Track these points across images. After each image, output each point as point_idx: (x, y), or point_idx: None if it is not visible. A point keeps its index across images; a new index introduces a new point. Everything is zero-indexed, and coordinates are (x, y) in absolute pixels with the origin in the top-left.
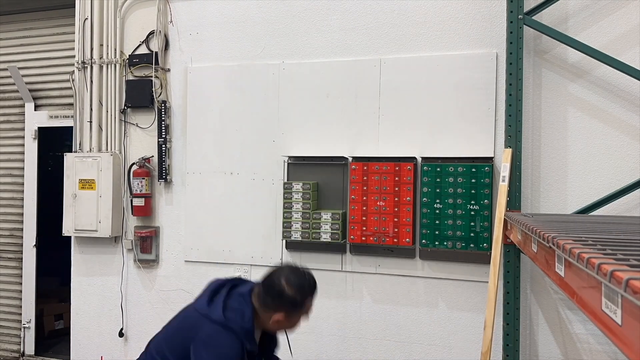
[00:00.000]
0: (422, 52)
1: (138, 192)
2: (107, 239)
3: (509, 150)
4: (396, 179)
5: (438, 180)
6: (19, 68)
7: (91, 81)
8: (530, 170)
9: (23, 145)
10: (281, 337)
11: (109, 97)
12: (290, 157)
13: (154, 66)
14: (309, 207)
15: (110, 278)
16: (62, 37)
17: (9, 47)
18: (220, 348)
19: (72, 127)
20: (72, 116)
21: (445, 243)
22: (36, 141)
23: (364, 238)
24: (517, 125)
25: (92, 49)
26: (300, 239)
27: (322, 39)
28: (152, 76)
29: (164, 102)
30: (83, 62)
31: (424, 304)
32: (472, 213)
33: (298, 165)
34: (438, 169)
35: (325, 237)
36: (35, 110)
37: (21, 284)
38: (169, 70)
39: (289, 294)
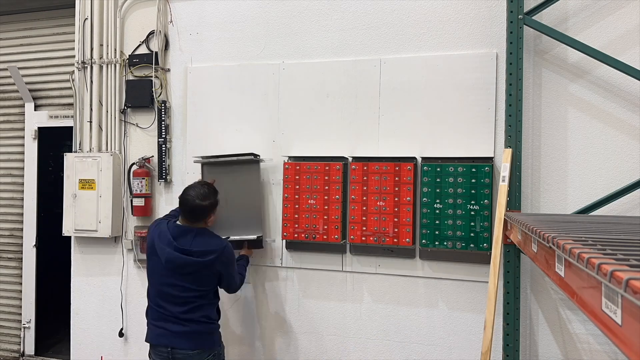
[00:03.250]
0: (422, 52)
1: (138, 192)
2: (107, 239)
3: (509, 150)
4: (396, 179)
5: (438, 180)
6: (19, 68)
7: (91, 81)
8: (530, 170)
9: (23, 145)
10: None
11: (109, 97)
12: (290, 157)
13: (154, 66)
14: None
15: (110, 278)
16: (62, 37)
17: (9, 47)
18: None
19: (72, 127)
20: (72, 116)
21: (445, 243)
22: (36, 141)
23: (364, 238)
24: (517, 125)
25: (92, 49)
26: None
27: (322, 39)
28: (152, 76)
29: (164, 102)
30: (83, 62)
31: (424, 304)
32: (472, 213)
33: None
34: (438, 169)
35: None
36: (35, 110)
37: (21, 284)
38: (169, 70)
39: (205, 205)
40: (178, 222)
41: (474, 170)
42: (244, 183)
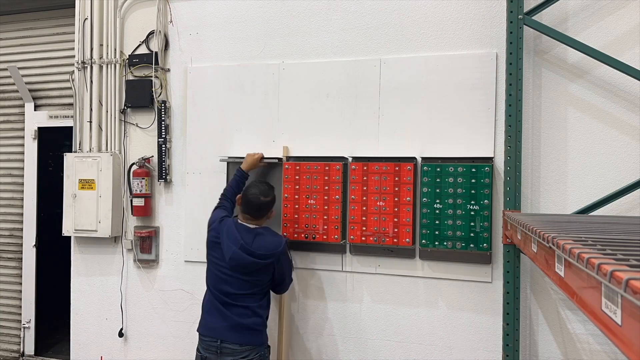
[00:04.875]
0: (422, 52)
1: (138, 192)
2: (107, 239)
3: None
4: (396, 179)
5: (438, 180)
6: (19, 68)
7: (91, 81)
8: (530, 170)
9: (23, 145)
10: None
11: (109, 97)
12: (290, 157)
13: (153, 66)
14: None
15: (110, 278)
16: (62, 37)
17: (9, 47)
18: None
19: (72, 127)
20: (72, 116)
21: (445, 243)
22: (36, 141)
23: (363, 238)
24: (517, 126)
25: (92, 49)
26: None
27: (322, 39)
28: (152, 76)
29: (164, 102)
30: (83, 62)
31: (424, 304)
32: (472, 213)
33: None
34: (438, 169)
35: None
36: (35, 110)
37: (21, 284)
38: (168, 70)
39: (268, 200)
40: (239, 220)
41: (473, 170)
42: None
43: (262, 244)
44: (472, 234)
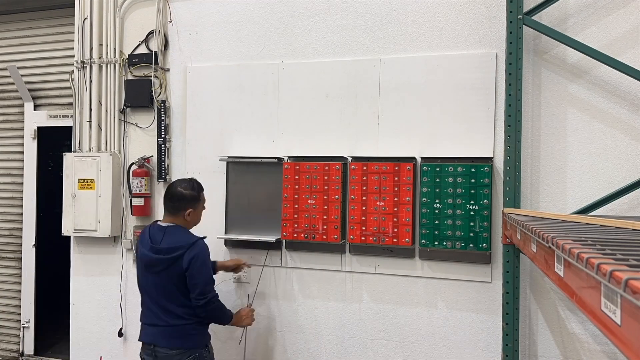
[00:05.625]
0: (422, 52)
1: (137, 191)
2: (107, 239)
3: None
4: (396, 179)
5: (437, 180)
6: (19, 68)
7: (90, 81)
8: (530, 170)
9: (22, 145)
10: None
11: (109, 96)
12: (290, 157)
13: (153, 66)
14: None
15: (109, 278)
16: (62, 37)
17: (9, 47)
18: (202, 252)
19: (71, 126)
20: (71, 116)
21: (444, 243)
22: (35, 141)
23: (363, 238)
24: (516, 125)
25: (91, 49)
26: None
27: (322, 39)
28: (151, 76)
29: (164, 101)
30: (82, 62)
31: (424, 304)
32: (472, 213)
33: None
34: (437, 169)
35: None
36: (34, 109)
37: (20, 283)
38: (168, 70)
39: (186, 194)
40: (158, 222)
41: (473, 170)
42: (266, 185)
43: (169, 240)
44: (471, 234)
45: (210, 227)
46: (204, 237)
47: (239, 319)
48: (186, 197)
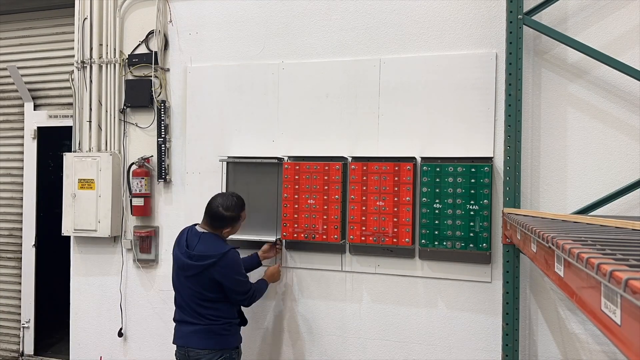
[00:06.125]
0: (422, 52)
1: (137, 192)
2: (107, 239)
3: None
4: (395, 179)
5: (437, 180)
6: (19, 68)
7: (90, 81)
8: (530, 170)
9: (22, 145)
10: None
11: (109, 96)
12: (289, 157)
13: (153, 66)
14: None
15: (109, 278)
16: (62, 37)
17: (9, 47)
18: (235, 264)
19: (71, 126)
20: (71, 116)
21: (444, 243)
22: (35, 141)
23: (363, 238)
24: (516, 125)
25: (91, 49)
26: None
27: (322, 39)
28: (151, 76)
29: (164, 101)
30: (82, 62)
31: (424, 304)
32: (472, 213)
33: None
34: (437, 169)
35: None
36: (34, 109)
37: (20, 283)
38: (168, 70)
39: (226, 215)
40: (197, 226)
41: (473, 170)
42: (266, 185)
43: (202, 247)
44: (471, 234)
45: None
46: (237, 248)
47: (271, 277)
48: (226, 219)
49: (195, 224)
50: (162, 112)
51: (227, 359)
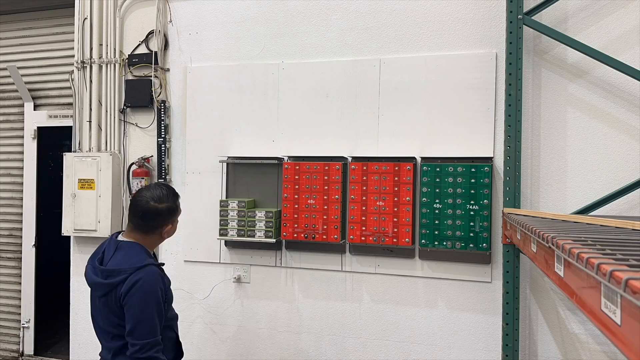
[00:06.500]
0: (422, 52)
1: None
2: None
3: None
4: (395, 179)
5: (437, 180)
6: (18, 67)
7: (90, 81)
8: (530, 170)
9: (22, 144)
10: None
11: (109, 96)
12: (289, 157)
13: (153, 66)
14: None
15: None
16: (62, 37)
17: (8, 47)
18: (146, 286)
19: (71, 126)
20: (71, 116)
21: (444, 243)
22: (35, 141)
23: (363, 238)
24: (516, 125)
25: (91, 49)
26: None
27: (322, 39)
28: (151, 76)
29: (164, 101)
30: (82, 62)
31: (424, 304)
32: (472, 213)
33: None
34: (437, 169)
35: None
36: (34, 109)
37: (20, 283)
38: (168, 70)
39: (160, 208)
40: (121, 234)
41: (473, 170)
42: (266, 185)
43: (116, 259)
44: (471, 234)
45: (211, 227)
46: (162, 264)
47: None
48: (162, 213)
49: (120, 231)
50: (162, 112)
51: None
